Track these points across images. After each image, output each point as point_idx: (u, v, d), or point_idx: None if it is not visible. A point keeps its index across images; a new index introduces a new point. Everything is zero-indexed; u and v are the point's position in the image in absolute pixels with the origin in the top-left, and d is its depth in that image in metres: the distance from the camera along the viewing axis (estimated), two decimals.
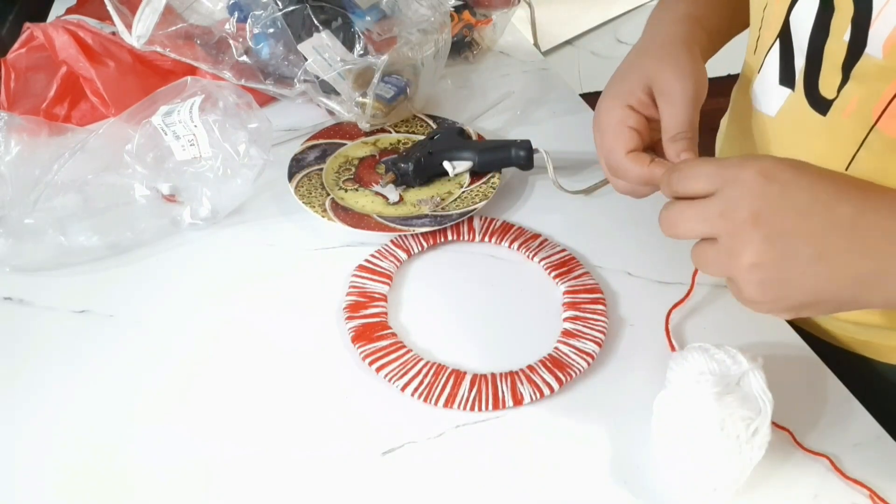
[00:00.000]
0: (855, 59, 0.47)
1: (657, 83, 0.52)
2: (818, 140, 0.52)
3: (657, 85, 0.52)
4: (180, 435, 0.49)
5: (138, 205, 0.62)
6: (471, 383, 0.51)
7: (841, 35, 0.47)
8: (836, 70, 0.49)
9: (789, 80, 0.53)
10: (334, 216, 0.63)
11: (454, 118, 0.76)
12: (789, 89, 0.54)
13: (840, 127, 0.50)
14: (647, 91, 0.53)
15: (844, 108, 0.49)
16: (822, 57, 0.50)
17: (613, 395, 0.51)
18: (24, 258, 0.60)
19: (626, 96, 0.53)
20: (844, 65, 0.48)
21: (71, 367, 0.53)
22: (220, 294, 0.59)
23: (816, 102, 0.51)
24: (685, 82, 0.51)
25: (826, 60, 0.49)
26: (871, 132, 0.49)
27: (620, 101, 0.53)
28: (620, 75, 0.55)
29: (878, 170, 0.49)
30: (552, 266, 0.60)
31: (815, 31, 0.49)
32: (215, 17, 0.75)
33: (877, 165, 0.50)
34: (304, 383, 0.52)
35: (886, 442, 0.48)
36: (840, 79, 0.49)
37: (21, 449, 0.48)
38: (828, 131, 0.51)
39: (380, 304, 0.57)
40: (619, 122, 0.52)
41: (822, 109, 0.51)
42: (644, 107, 0.53)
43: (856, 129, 0.49)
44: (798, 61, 0.52)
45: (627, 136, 0.52)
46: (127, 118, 0.64)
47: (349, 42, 0.73)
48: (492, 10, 0.91)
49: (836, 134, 0.51)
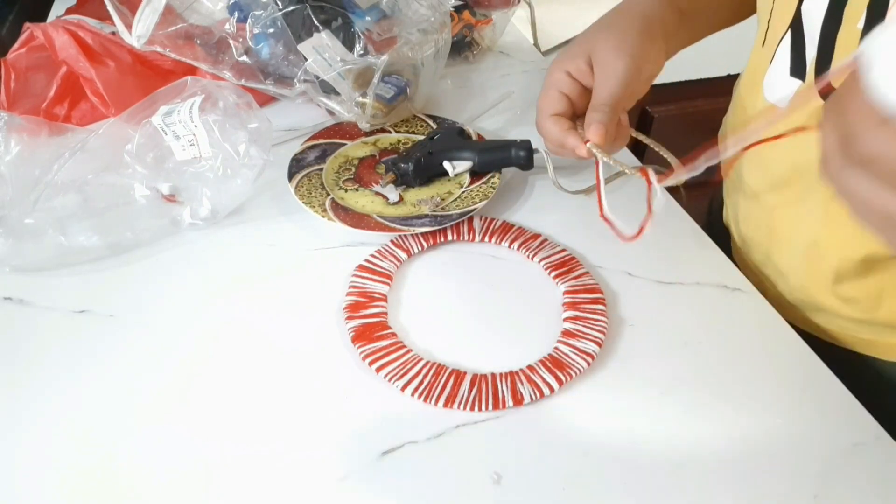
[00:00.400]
0: None
1: (596, 55, 0.55)
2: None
3: (596, 56, 0.55)
4: (180, 435, 0.49)
5: (138, 205, 0.62)
6: (471, 383, 0.51)
7: (854, 23, 0.47)
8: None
9: (800, 71, 0.53)
10: (334, 216, 0.63)
11: (454, 118, 0.76)
12: (800, 80, 0.53)
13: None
14: (588, 61, 0.55)
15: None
16: (835, 46, 0.49)
17: (613, 395, 0.51)
18: (24, 258, 0.60)
19: (567, 62, 0.56)
20: None
21: (71, 367, 0.53)
22: (220, 294, 0.59)
23: (827, 93, 0.51)
24: (621, 58, 0.54)
25: (838, 50, 0.49)
26: None
27: (562, 65, 0.56)
28: (575, 42, 0.58)
29: None
30: (552, 266, 0.60)
31: (827, 20, 0.49)
32: (215, 17, 0.75)
33: None
34: (303, 383, 0.52)
35: (886, 442, 0.48)
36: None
37: (21, 449, 0.48)
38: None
39: (380, 304, 0.57)
40: (552, 85, 0.56)
41: None
42: (581, 75, 0.56)
43: None
44: (809, 52, 0.52)
45: (555, 99, 0.56)
46: (127, 118, 0.64)
47: (349, 42, 0.73)
48: (492, 10, 0.91)
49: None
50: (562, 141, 0.55)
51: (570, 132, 0.54)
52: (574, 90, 0.56)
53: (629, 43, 0.55)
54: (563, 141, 0.55)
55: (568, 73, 0.56)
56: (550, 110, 0.56)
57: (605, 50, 0.54)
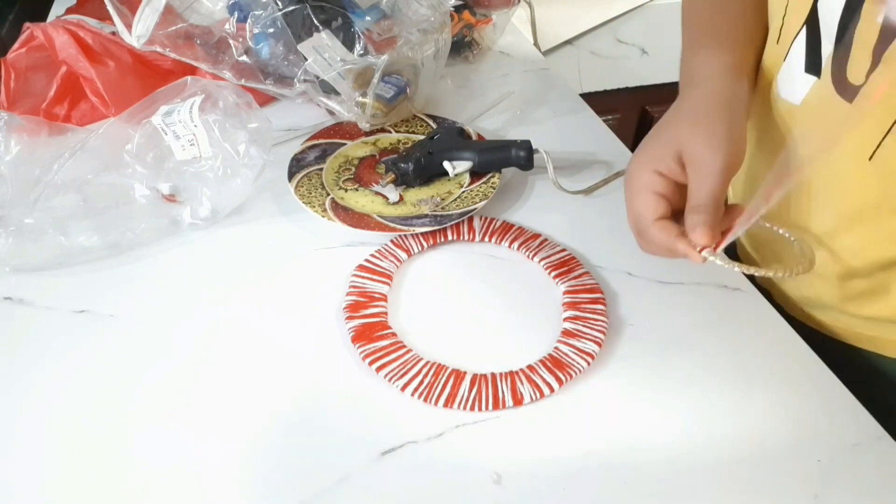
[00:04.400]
0: (888, 41, 0.46)
1: (687, 151, 0.51)
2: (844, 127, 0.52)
3: (687, 153, 0.51)
4: (180, 434, 0.48)
5: (138, 205, 0.62)
6: (471, 383, 0.51)
7: (873, 17, 0.47)
8: (866, 54, 0.48)
9: (815, 67, 0.53)
10: (334, 216, 0.63)
11: (454, 118, 0.76)
12: (815, 77, 0.53)
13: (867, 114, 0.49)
14: (677, 158, 0.51)
15: (872, 93, 0.49)
16: (853, 41, 0.49)
17: (613, 395, 0.51)
18: (24, 258, 0.60)
19: (655, 161, 0.52)
20: (875, 48, 0.47)
21: (71, 366, 0.53)
22: (219, 294, 0.59)
23: (843, 89, 0.51)
24: (715, 153, 0.50)
25: (856, 45, 0.49)
26: None
27: (650, 165, 0.52)
28: (654, 137, 0.54)
29: None
30: (552, 266, 0.60)
31: (845, 15, 0.48)
32: (215, 17, 0.75)
33: None
34: (304, 383, 0.52)
35: (887, 442, 0.48)
36: (870, 63, 0.48)
37: (20, 448, 0.48)
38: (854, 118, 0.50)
39: (380, 304, 0.57)
40: (646, 188, 0.52)
41: (848, 96, 0.50)
42: (673, 173, 0.51)
43: (883, 115, 0.49)
44: (825, 48, 0.51)
45: (654, 203, 0.51)
46: (127, 118, 0.64)
47: (349, 42, 0.73)
48: (492, 10, 0.91)
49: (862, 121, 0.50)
50: (671, 248, 0.50)
51: (680, 239, 0.50)
52: (669, 189, 0.52)
53: (717, 134, 0.51)
54: (673, 248, 0.50)
55: (659, 173, 0.51)
56: (653, 215, 0.51)
57: (696, 147, 0.50)
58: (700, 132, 0.51)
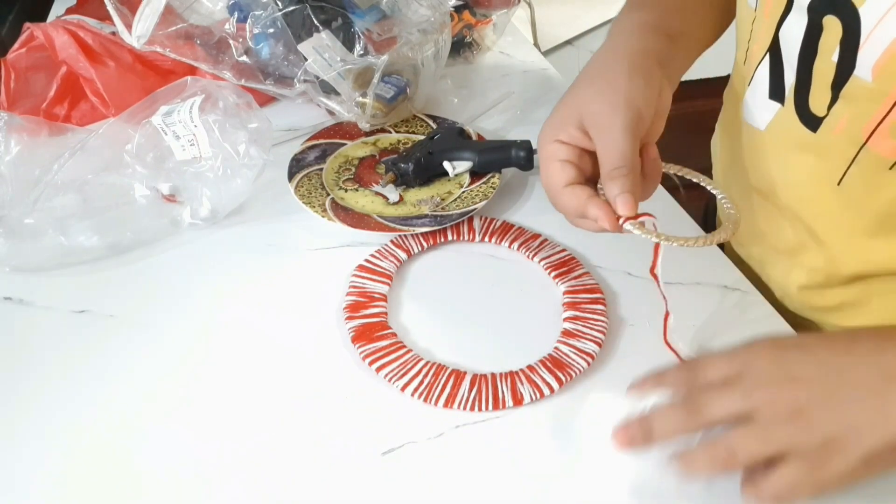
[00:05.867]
0: (844, 79, 0.46)
1: (587, 117, 0.48)
2: (809, 156, 0.52)
3: (587, 117, 0.48)
4: (180, 434, 0.49)
5: (138, 205, 0.62)
6: (471, 383, 0.51)
7: (829, 55, 0.47)
8: (825, 89, 0.48)
9: (779, 95, 0.53)
10: (334, 216, 0.63)
11: (454, 118, 0.76)
12: (779, 104, 0.53)
13: (831, 144, 0.50)
14: (578, 124, 0.49)
15: (835, 126, 0.49)
16: (812, 75, 0.49)
17: (613, 395, 0.51)
18: (24, 258, 0.60)
19: (557, 130, 0.49)
20: (834, 84, 0.47)
21: (70, 367, 0.53)
22: (219, 294, 0.59)
23: (807, 119, 0.51)
24: (615, 112, 0.47)
25: (815, 79, 0.49)
26: (862, 150, 0.48)
27: (552, 134, 0.50)
28: (559, 104, 0.52)
29: (869, 186, 0.49)
30: (552, 266, 0.60)
31: (804, 49, 0.49)
32: (215, 17, 0.75)
33: (868, 182, 0.49)
34: (304, 383, 0.52)
35: None
36: (830, 98, 0.48)
37: (20, 449, 0.48)
38: (818, 148, 0.51)
39: (380, 304, 0.57)
40: (551, 157, 0.49)
41: (812, 126, 0.51)
42: (575, 139, 0.49)
43: (846, 146, 0.49)
44: (788, 77, 0.51)
45: (559, 170, 0.49)
46: (127, 118, 0.64)
47: (349, 42, 0.73)
48: (492, 10, 0.91)
49: (826, 151, 0.50)
50: (583, 211, 0.47)
51: (592, 200, 0.47)
52: (573, 156, 0.49)
53: (621, 92, 0.48)
54: (584, 211, 0.47)
55: (560, 142, 0.49)
56: (560, 183, 0.48)
57: (595, 111, 0.48)
58: (599, 96, 0.48)
